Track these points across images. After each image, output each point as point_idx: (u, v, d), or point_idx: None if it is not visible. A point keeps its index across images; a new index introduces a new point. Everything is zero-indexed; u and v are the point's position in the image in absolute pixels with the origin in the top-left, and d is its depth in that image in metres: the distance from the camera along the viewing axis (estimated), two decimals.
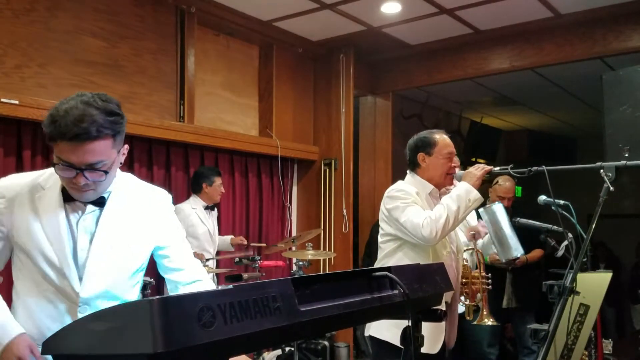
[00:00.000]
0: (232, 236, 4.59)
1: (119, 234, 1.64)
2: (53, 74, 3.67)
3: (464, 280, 2.84)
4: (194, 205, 4.24)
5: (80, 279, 1.58)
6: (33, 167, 3.57)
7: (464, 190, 2.46)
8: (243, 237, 4.60)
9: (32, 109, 3.41)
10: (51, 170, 1.61)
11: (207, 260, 3.99)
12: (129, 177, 1.74)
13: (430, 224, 2.39)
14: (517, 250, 3.45)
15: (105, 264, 1.61)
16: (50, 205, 1.59)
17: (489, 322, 2.95)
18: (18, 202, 1.59)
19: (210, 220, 4.32)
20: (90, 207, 1.62)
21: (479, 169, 2.53)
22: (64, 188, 1.60)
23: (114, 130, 1.52)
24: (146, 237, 1.70)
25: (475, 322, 2.97)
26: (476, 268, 2.96)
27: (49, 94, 3.60)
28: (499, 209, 3.37)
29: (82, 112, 1.46)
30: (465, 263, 2.86)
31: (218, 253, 4.43)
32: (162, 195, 1.79)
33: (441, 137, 2.63)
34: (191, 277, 1.78)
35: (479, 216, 3.74)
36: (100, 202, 1.62)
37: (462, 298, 2.86)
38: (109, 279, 1.62)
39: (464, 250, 2.94)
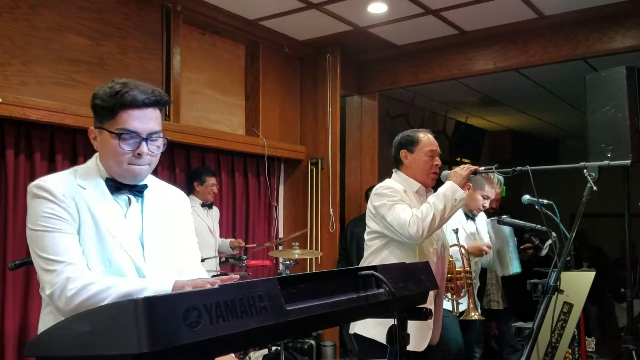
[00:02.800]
0: (232, 239, 4.63)
1: (163, 231, 1.69)
2: (36, 72, 3.63)
3: (449, 275, 2.86)
4: (192, 204, 4.32)
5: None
6: (16, 166, 3.52)
7: (450, 189, 2.48)
8: (241, 239, 4.69)
9: (15, 107, 3.37)
10: (75, 170, 1.64)
11: (203, 260, 4.02)
12: (150, 175, 1.77)
13: (417, 222, 2.40)
14: (515, 268, 3.51)
15: (158, 260, 1.65)
16: (105, 202, 1.60)
17: (475, 316, 2.97)
18: (78, 201, 1.57)
19: (209, 218, 4.44)
20: (133, 201, 1.66)
21: (464, 169, 2.56)
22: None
23: (164, 105, 1.67)
24: (178, 235, 1.76)
25: (461, 318, 3.00)
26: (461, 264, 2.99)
27: (32, 92, 3.56)
28: (508, 229, 3.42)
29: (148, 86, 1.62)
30: (450, 259, 2.88)
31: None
32: (184, 197, 1.87)
33: (424, 135, 2.67)
34: (190, 266, 1.79)
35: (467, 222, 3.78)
36: (139, 191, 1.67)
37: (448, 294, 2.88)
38: (163, 274, 1.65)
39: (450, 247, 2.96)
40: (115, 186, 1.63)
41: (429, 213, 2.41)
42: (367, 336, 2.51)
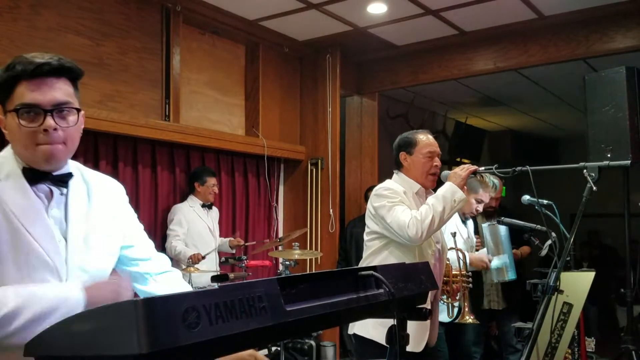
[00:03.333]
0: (231, 238, 4.64)
1: (94, 227, 1.49)
2: None
3: (445, 278, 2.86)
4: (191, 204, 4.42)
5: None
6: None
7: (449, 190, 2.48)
8: (240, 238, 4.70)
9: None
10: None
11: (204, 256, 4.05)
12: (78, 164, 1.58)
13: (416, 224, 2.40)
14: (511, 275, 3.51)
15: (83, 264, 1.45)
16: (22, 197, 1.38)
17: (470, 320, 2.98)
18: None
19: (209, 218, 4.46)
20: (56, 193, 1.45)
21: (464, 169, 2.55)
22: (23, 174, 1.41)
23: (72, 74, 1.42)
24: (115, 230, 1.56)
25: (456, 321, 3.00)
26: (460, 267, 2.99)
27: None
28: (503, 229, 3.42)
29: (52, 54, 1.40)
30: (447, 262, 2.88)
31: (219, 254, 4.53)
32: (118, 185, 1.65)
33: (423, 137, 2.67)
34: (161, 267, 1.67)
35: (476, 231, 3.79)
36: (62, 181, 1.46)
37: (444, 297, 2.88)
38: (88, 280, 1.44)
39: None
40: (33, 176, 1.40)
41: (428, 215, 2.41)
42: (366, 337, 2.51)
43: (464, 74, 5.26)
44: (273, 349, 4.40)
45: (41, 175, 1.42)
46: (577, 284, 2.47)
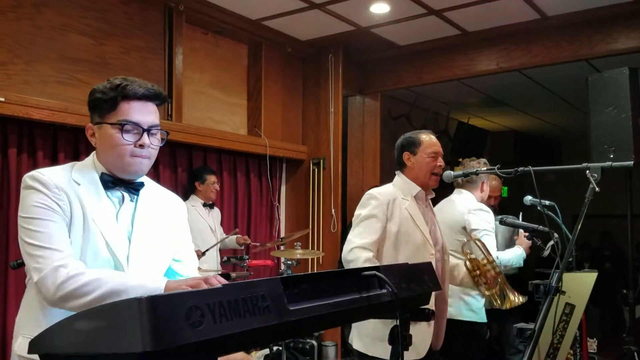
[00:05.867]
0: (239, 235, 4.66)
1: (153, 234, 1.66)
2: (39, 71, 3.63)
3: (477, 272, 2.82)
4: (193, 203, 4.44)
5: None
6: (19, 165, 3.53)
7: None
8: (246, 236, 4.73)
9: (18, 106, 3.37)
10: (72, 165, 1.63)
11: (204, 253, 4.07)
12: (147, 178, 1.75)
13: (353, 253, 2.46)
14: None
15: (142, 262, 1.61)
16: (98, 199, 1.58)
17: (518, 300, 2.87)
18: (71, 196, 1.55)
19: (210, 218, 4.49)
20: (127, 199, 1.64)
21: None
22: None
23: (161, 101, 1.67)
24: (172, 241, 1.72)
25: (505, 307, 2.91)
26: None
27: (35, 91, 3.56)
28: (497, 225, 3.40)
29: (146, 81, 1.63)
30: (471, 256, 2.85)
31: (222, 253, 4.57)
32: (182, 204, 1.84)
33: (426, 137, 2.66)
34: (185, 272, 1.77)
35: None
36: (135, 189, 1.65)
37: (485, 291, 2.83)
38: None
39: (463, 245, 2.95)
40: (112, 181, 1.61)
41: (357, 260, 2.43)
42: (367, 353, 2.51)
43: (466, 74, 5.26)
44: (274, 348, 4.41)
45: (117, 182, 1.63)
46: (579, 284, 2.47)
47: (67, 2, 3.79)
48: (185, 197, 4.53)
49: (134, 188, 1.65)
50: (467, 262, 2.80)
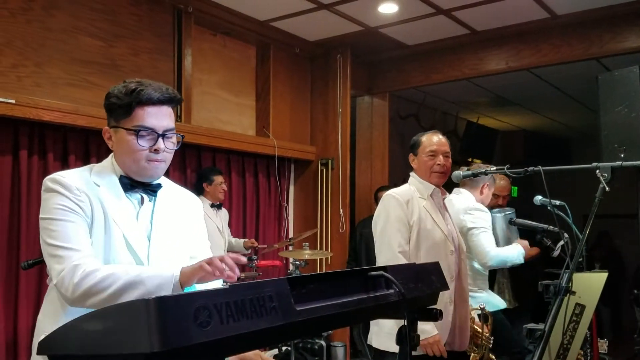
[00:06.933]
0: (246, 239, 4.68)
1: (172, 233, 1.69)
2: (50, 73, 3.66)
3: (478, 341, 2.87)
4: None
5: None
6: (30, 167, 3.56)
7: None
8: (253, 239, 4.76)
9: (29, 109, 3.40)
10: (90, 167, 1.66)
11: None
12: (165, 178, 1.79)
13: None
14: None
15: (162, 261, 1.64)
16: (118, 201, 1.61)
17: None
18: (92, 197, 1.58)
19: (218, 218, 4.50)
20: (146, 200, 1.67)
21: None
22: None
23: (176, 104, 1.69)
24: (189, 240, 1.76)
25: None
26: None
27: (45, 93, 3.59)
28: (498, 219, 3.40)
29: (161, 84, 1.64)
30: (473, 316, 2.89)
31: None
32: (198, 201, 1.88)
33: (425, 138, 2.72)
34: None
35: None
36: (153, 190, 1.69)
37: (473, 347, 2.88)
38: None
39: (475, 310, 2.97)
40: (130, 184, 1.65)
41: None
42: (382, 349, 2.52)
43: (475, 73, 5.24)
44: (283, 348, 4.41)
45: (136, 184, 1.66)
46: (590, 285, 2.45)
47: (76, 4, 3.82)
48: None
49: (151, 189, 1.69)
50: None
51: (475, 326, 2.85)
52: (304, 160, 5.50)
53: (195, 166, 4.69)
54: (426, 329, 2.37)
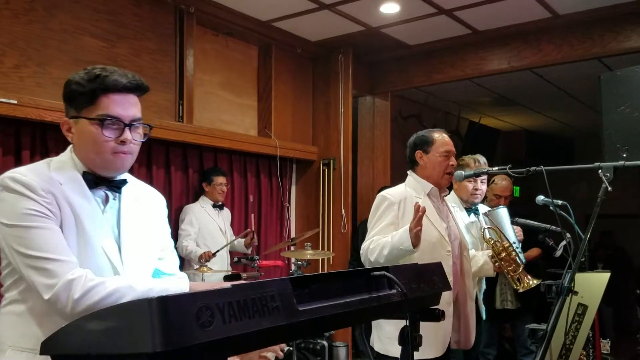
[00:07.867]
0: (245, 238, 4.68)
1: (140, 231, 1.59)
2: (52, 73, 3.67)
3: (503, 255, 2.87)
4: (203, 204, 4.49)
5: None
6: None
7: (399, 240, 2.43)
8: (248, 230, 4.74)
9: (31, 109, 3.41)
10: (47, 163, 1.52)
11: (214, 253, 4.09)
12: (127, 173, 1.68)
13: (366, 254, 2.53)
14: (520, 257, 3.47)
15: (135, 262, 1.56)
16: (84, 200, 1.48)
17: (533, 283, 2.93)
18: (58, 198, 1.44)
19: (220, 218, 4.52)
20: (110, 197, 1.55)
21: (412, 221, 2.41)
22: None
23: (143, 92, 1.57)
24: (157, 238, 1.68)
25: (521, 290, 2.97)
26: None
27: (47, 93, 3.60)
28: (504, 212, 3.38)
29: (127, 71, 1.53)
30: (492, 242, 2.91)
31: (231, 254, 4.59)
32: (161, 198, 1.77)
33: (439, 136, 2.66)
34: (169, 269, 1.72)
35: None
36: (117, 187, 1.57)
37: (506, 272, 2.90)
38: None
39: (483, 231, 2.97)
40: (94, 180, 1.51)
41: (375, 250, 2.49)
42: (385, 353, 2.52)
43: (477, 73, 5.23)
44: (285, 348, 4.41)
45: (100, 180, 1.53)
46: (592, 285, 2.44)
47: (78, 5, 3.82)
48: (196, 198, 4.56)
49: (115, 186, 1.56)
50: (492, 248, 2.85)
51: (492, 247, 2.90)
52: (305, 160, 5.50)
53: (197, 166, 4.69)
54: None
